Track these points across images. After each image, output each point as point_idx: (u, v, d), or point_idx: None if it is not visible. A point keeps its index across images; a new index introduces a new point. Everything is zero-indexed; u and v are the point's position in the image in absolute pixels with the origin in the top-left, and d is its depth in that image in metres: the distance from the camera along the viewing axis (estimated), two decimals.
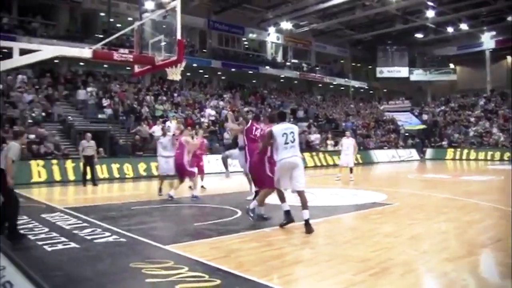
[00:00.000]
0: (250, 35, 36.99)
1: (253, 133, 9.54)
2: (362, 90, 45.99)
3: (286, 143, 7.14)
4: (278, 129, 7.23)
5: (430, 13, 33.64)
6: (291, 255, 5.72)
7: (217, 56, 33.72)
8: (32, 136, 17.52)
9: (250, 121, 9.60)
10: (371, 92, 47.46)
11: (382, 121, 38.78)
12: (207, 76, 35.22)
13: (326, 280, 4.63)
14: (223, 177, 12.74)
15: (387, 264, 5.15)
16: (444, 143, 33.69)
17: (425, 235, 6.81)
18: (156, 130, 20.62)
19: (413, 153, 32.53)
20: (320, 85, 42.13)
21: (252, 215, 7.47)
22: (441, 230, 7.25)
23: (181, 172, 11.19)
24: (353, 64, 45.83)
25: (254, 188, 9.57)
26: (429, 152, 33.20)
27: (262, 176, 7.76)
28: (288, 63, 39.14)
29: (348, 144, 16.37)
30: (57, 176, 16.31)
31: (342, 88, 43.92)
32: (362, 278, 4.65)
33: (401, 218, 8.28)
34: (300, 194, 7.17)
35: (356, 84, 44.12)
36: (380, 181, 17.64)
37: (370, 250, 5.80)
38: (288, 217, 7.17)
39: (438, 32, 38.92)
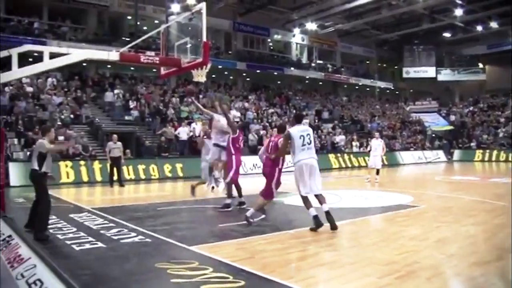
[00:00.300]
0: (275, 36, 36.98)
1: (239, 143, 9.58)
2: (388, 91, 45.52)
3: (303, 145, 7.21)
4: (295, 131, 7.28)
5: (459, 12, 33.12)
6: (316, 257, 5.70)
7: (242, 58, 33.85)
8: (61, 138, 17.91)
9: (238, 130, 9.59)
10: (397, 92, 46.91)
11: (408, 122, 38.30)
12: (232, 77, 35.42)
13: (351, 283, 4.60)
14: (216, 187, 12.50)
15: (413, 267, 5.08)
16: (473, 144, 33.03)
17: (452, 238, 6.70)
18: (182, 131, 20.81)
19: (440, 155, 31.99)
20: (345, 86, 41.85)
21: (252, 221, 7.58)
22: (469, 233, 7.11)
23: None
24: (379, 64, 45.43)
25: (241, 198, 9.60)
26: (456, 153, 32.59)
27: (268, 184, 7.79)
28: (313, 64, 39.00)
29: (376, 145, 16.23)
30: (84, 177, 16.61)
31: (368, 89, 43.59)
32: (388, 281, 4.60)
33: (427, 221, 8.15)
34: (317, 196, 7.23)
35: (382, 84, 43.77)
36: (406, 183, 17.40)
37: (395, 253, 5.73)
38: (317, 221, 7.11)
39: (467, 30, 38.14)
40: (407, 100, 45.14)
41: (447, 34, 39.92)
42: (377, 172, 15.91)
